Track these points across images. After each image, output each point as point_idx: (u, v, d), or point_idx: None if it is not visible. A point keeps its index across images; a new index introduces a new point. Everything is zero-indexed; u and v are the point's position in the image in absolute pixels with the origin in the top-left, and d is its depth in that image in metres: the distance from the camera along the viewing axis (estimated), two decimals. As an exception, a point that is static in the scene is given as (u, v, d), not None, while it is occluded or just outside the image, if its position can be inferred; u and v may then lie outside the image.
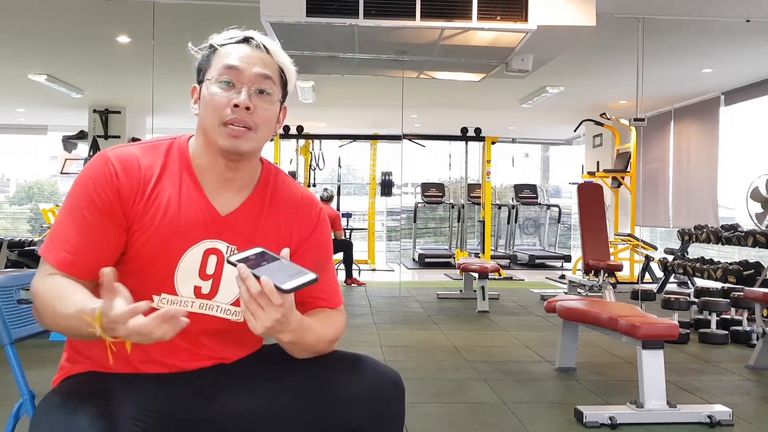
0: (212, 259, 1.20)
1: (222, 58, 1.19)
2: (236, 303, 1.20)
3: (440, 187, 11.45)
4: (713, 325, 4.70)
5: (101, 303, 0.97)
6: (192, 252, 1.19)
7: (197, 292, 1.19)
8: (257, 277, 1.01)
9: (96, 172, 1.16)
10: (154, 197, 1.17)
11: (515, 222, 11.80)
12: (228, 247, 1.21)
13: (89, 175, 1.17)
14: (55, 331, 1.13)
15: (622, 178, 9.07)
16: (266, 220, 1.26)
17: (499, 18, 4.26)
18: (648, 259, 8.11)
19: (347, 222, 9.96)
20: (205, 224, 1.20)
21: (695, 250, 7.67)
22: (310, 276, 1.02)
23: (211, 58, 1.21)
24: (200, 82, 1.22)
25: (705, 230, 6.65)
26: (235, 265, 1.03)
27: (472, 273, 6.35)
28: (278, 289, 1.00)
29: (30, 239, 6.42)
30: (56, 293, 1.08)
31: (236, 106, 1.16)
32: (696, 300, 5.05)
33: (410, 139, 9.34)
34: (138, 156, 1.19)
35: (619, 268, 6.61)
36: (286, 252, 1.08)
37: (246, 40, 1.21)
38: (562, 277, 8.68)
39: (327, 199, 8.56)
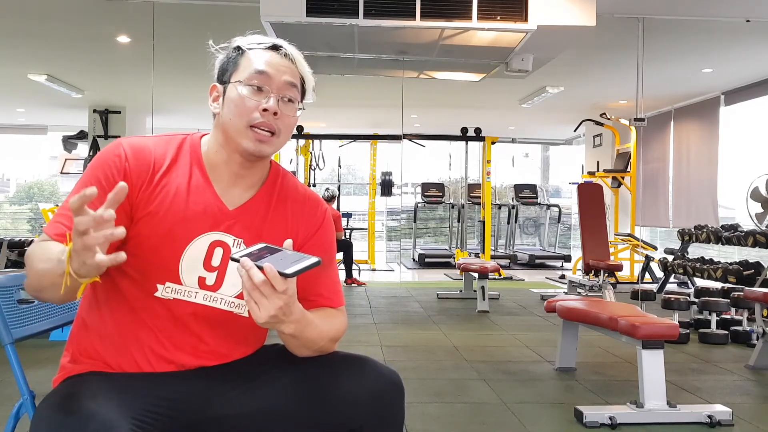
0: (218, 252, 1.22)
1: (251, 62, 1.21)
2: (240, 296, 1.21)
3: (440, 187, 11.44)
4: (713, 325, 4.70)
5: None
6: (197, 242, 1.20)
7: (201, 282, 1.21)
8: (260, 268, 1.00)
9: (106, 155, 1.20)
10: (161, 186, 1.20)
11: (515, 222, 11.79)
12: (234, 240, 1.23)
13: (100, 157, 1.21)
14: (37, 292, 1.11)
15: (622, 178, 9.06)
16: (274, 216, 1.28)
17: (499, 18, 4.26)
18: (648, 259, 8.10)
19: (347, 222, 9.96)
20: (213, 216, 1.22)
21: (695, 250, 7.66)
22: (313, 259, 1.02)
23: (238, 60, 1.22)
24: (223, 82, 1.23)
25: (705, 230, 6.65)
26: (237, 261, 1.02)
27: (472, 273, 6.35)
28: (281, 274, 1.00)
29: (30, 239, 6.41)
30: (43, 249, 1.10)
31: (265, 110, 1.19)
32: (696, 300, 5.05)
33: (410, 139, 9.34)
34: (150, 145, 1.23)
35: (619, 268, 6.61)
36: (288, 243, 1.09)
37: (275, 48, 1.23)
38: (562, 277, 8.68)
39: (328, 199, 8.46)
